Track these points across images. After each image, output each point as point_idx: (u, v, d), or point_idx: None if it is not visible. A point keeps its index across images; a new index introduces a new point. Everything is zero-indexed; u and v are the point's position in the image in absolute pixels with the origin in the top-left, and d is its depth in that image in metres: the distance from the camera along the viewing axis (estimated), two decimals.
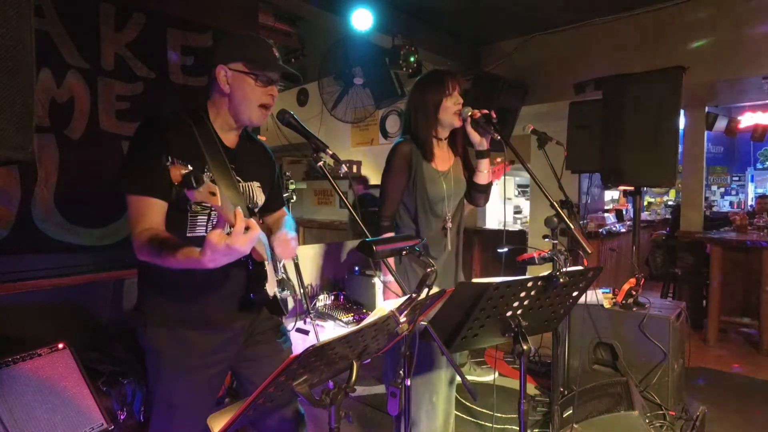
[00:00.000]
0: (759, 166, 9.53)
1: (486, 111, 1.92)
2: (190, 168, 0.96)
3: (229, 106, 1.44)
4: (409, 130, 2.05)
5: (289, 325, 3.55)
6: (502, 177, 2.15)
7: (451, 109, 1.96)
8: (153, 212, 1.32)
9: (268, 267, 1.48)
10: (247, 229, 1.09)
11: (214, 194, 1.01)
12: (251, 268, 1.43)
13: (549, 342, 2.63)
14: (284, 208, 1.80)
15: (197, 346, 1.44)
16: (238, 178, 1.47)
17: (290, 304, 1.63)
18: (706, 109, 5.61)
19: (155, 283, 1.44)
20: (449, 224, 2.05)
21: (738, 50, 3.90)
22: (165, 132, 1.37)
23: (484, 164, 2.08)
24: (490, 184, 2.16)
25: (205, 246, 1.09)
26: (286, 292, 1.60)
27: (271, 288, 1.48)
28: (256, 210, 1.59)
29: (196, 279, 1.28)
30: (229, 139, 1.51)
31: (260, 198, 1.58)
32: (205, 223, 1.42)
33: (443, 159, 2.09)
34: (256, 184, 1.56)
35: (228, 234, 1.08)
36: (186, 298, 1.42)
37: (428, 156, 2.01)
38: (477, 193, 2.16)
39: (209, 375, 1.49)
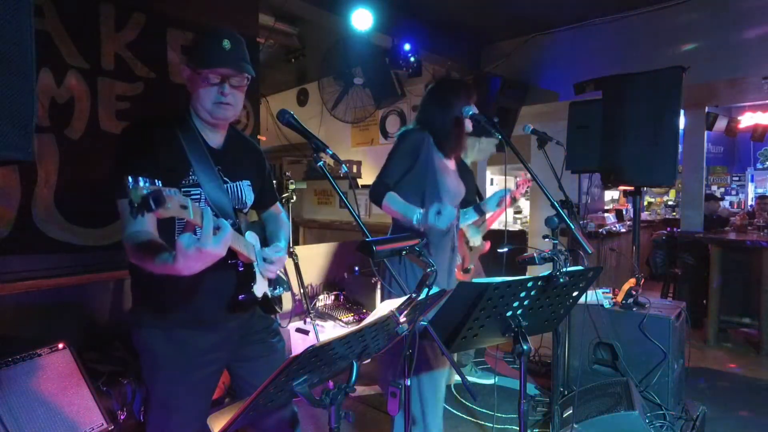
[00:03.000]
0: (759, 166, 9.52)
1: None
2: (153, 188, 0.90)
3: (194, 104, 1.43)
4: (432, 128, 2.05)
5: (289, 324, 3.55)
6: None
7: (471, 114, 2.03)
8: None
9: (257, 268, 1.47)
10: (217, 230, 1.07)
11: (185, 207, 0.98)
12: (241, 269, 1.42)
13: (549, 342, 2.63)
14: (278, 204, 1.79)
15: (191, 346, 1.44)
16: (225, 178, 1.46)
17: (286, 301, 1.62)
18: (706, 109, 5.62)
19: (146, 285, 1.44)
20: (456, 222, 2.07)
21: (738, 50, 3.90)
22: (148, 137, 1.36)
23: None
24: None
25: (176, 251, 1.07)
26: (279, 290, 1.59)
27: (260, 289, 1.47)
28: (245, 210, 1.58)
29: (185, 280, 1.28)
30: (215, 139, 1.49)
31: (249, 197, 1.56)
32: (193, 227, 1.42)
33: (452, 161, 2.15)
34: (245, 183, 1.55)
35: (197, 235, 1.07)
36: (177, 298, 1.42)
37: (450, 152, 2.07)
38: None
39: (204, 374, 1.49)
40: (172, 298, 1.42)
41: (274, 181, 1.87)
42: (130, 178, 0.88)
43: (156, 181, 0.91)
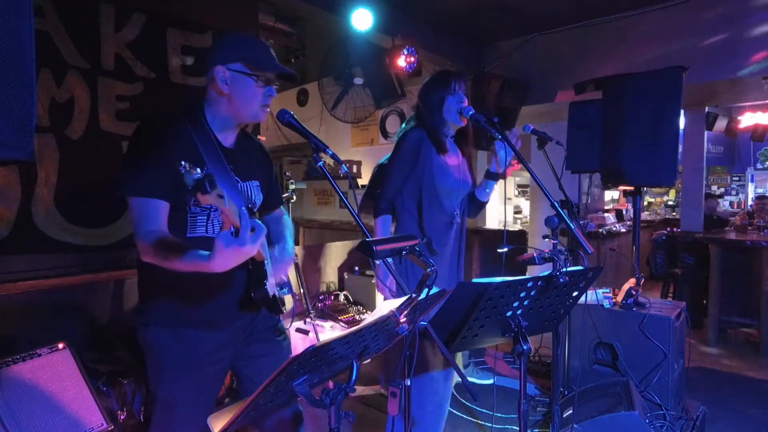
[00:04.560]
0: (759, 166, 9.52)
1: None
2: (205, 172, 0.95)
3: (229, 106, 1.43)
4: (421, 123, 2.07)
5: (289, 324, 3.55)
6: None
7: (454, 108, 1.99)
8: (157, 213, 1.32)
9: (268, 266, 1.48)
10: (253, 230, 1.09)
11: (222, 197, 1.00)
12: (251, 267, 1.42)
13: (549, 342, 2.63)
14: (282, 207, 1.81)
15: (198, 345, 1.44)
16: (237, 178, 1.47)
17: (288, 302, 1.63)
18: (706, 109, 5.61)
19: (155, 283, 1.44)
20: (458, 219, 2.07)
21: (738, 50, 3.90)
22: (162, 135, 1.37)
23: (492, 185, 2.16)
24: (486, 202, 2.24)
25: (215, 250, 1.09)
26: (284, 291, 1.60)
27: (272, 287, 1.48)
28: (256, 210, 1.59)
29: (196, 278, 1.29)
30: (227, 139, 1.50)
31: (259, 197, 1.58)
32: (204, 223, 1.42)
33: (452, 155, 2.12)
34: (254, 184, 1.56)
35: (234, 235, 1.08)
36: (186, 297, 1.42)
37: (440, 148, 2.04)
38: (474, 208, 2.23)
39: (210, 373, 1.49)
40: (183, 297, 1.42)
41: None
42: (182, 162, 0.92)
43: (197, 168, 0.95)
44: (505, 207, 2.34)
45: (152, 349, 1.45)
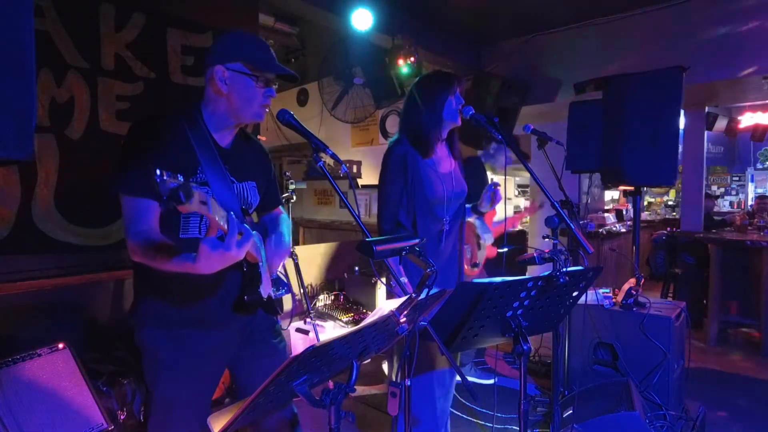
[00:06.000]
0: (759, 166, 9.52)
1: None
2: (181, 181, 0.93)
3: (227, 106, 1.42)
4: (408, 127, 2.04)
5: (288, 325, 3.55)
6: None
7: (455, 108, 1.98)
8: (148, 213, 1.31)
9: (263, 268, 1.47)
10: (240, 235, 1.10)
11: (204, 203, 1.00)
12: (245, 269, 1.42)
13: (549, 342, 2.63)
14: (281, 207, 1.79)
15: (193, 347, 1.44)
16: (232, 178, 1.46)
17: (286, 303, 1.63)
18: (706, 109, 5.61)
19: (151, 284, 1.44)
20: (446, 227, 2.03)
21: (738, 50, 3.90)
22: (157, 134, 1.36)
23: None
24: None
25: (200, 253, 1.10)
26: (282, 292, 1.60)
27: (266, 289, 1.48)
28: (251, 211, 1.58)
29: (191, 280, 1.29)
30: (224, 139, 1.49)
31: (255, 198, 1.57)
32: (197, 224, 1.42)
33: (444, 160, 2.08)
34: (251, 185, 1.55)
35: (220, 239, 1.08)
36: (181, 298, 1.42)
37: (428, 152, 2.00)
38: None
39: (206, 374, 1.49)
40: (177, 298, 1.42)
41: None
42: (158, 171, 0.90)
43: (178, 175, 0.93)
44: (505, 207, 2.33)
45: (148, 349, 1.45)
